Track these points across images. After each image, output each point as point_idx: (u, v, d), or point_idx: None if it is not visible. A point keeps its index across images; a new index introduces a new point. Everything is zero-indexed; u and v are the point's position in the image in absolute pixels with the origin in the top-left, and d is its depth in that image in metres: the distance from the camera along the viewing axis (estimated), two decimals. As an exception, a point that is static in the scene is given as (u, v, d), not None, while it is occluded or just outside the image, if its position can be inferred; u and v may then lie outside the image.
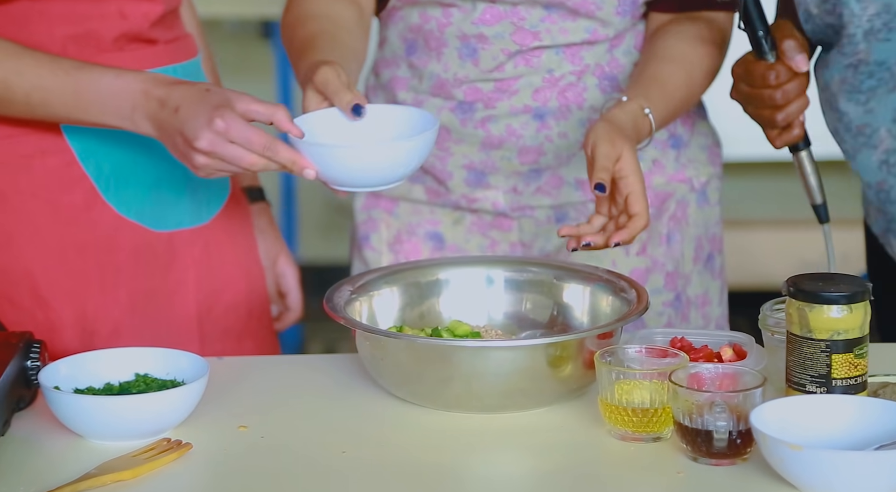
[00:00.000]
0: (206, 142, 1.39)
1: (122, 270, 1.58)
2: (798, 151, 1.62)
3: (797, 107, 1.57)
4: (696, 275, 1.78)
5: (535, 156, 1.71)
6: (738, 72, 1.59)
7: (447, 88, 1.70)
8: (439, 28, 1.68)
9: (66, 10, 1.52)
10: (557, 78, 1.68)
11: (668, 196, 1.76)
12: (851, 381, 1.32)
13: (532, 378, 1.37)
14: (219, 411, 1.40)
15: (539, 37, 1.66)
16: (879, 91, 1.55)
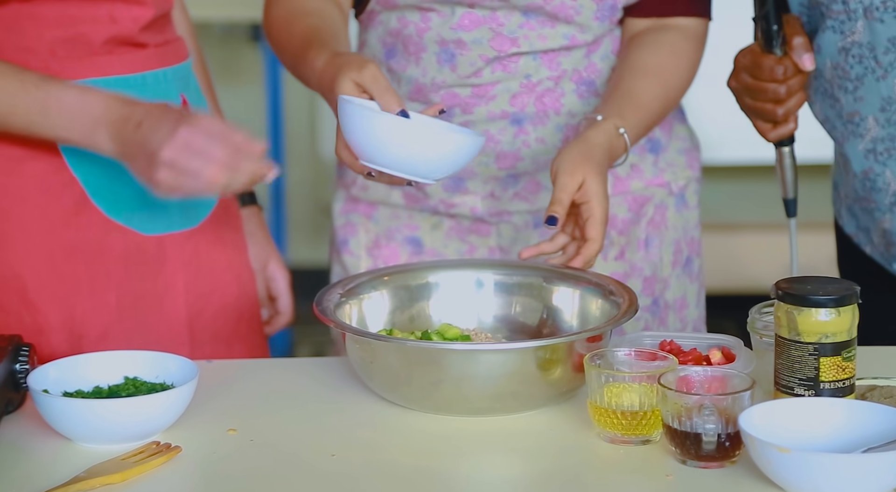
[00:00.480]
0: (169, 151, 1.40)
1: (111, 274, 1.57)
2: (783, 146, 1.65)
3: (797, 102, 1.60)
4: (674, 279, 1.79)
5: (513, 161, 1.72)
6: (744, 62, 1.61)
7: (425, 93, 1.71)
8: (418, 33, 1.68)
9: (56, 13, 1.52)
10: (535, 83, 1.69)
11: (646, 201, 1.77)
12: (839, 384, 1.32)
13: (522, 381, 1.37)
14: (208, 415, 1.40)
15: (517, 43, 1.67)
16: (867, 79, 1.56)
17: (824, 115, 1.65)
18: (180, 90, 1.63)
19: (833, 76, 1.60)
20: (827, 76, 1.61)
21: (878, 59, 1.54)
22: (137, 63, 1.57)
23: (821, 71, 1.62)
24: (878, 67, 1.54)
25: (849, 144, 1.62)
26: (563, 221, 1.50)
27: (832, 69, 1.59)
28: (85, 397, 1.37)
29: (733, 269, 3.51)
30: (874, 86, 1.56)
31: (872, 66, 1.55)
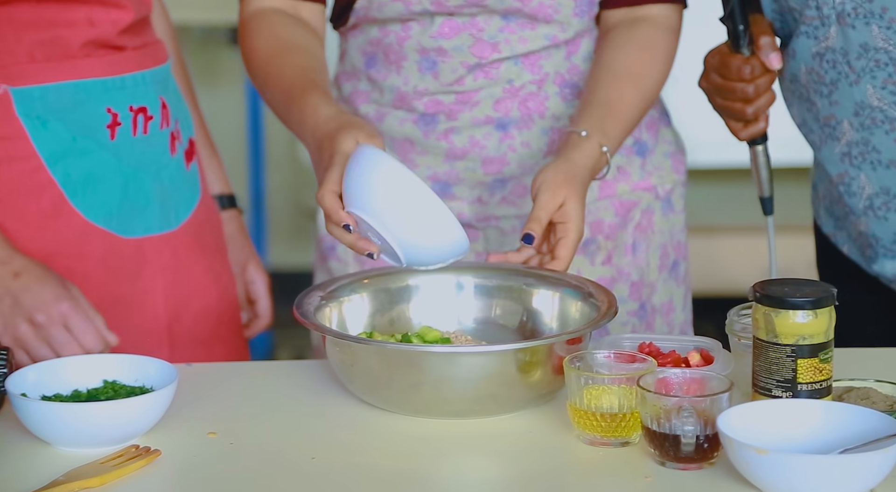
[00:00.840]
0: (43, 316, 1.45)
1: (90, 277, 1.57)
2: (756, 145, 1.66)
3: (766, 101, 1.61)
4: (661, 283, 1.80)
5: (499, 166, 1.72)
6: (713, 62, 1.62)
7: (408, 101, 1.71)
8: (398, 42, 1.68)
9: (34, 16, 1.52)
10: (518, 88, 1.69)
11: (633, 205, 1.77)
12: (817, 385, 1.33)
13: (501, 384, 1.37)
14: (188, 418, 1.39)
15: (498, 48, 1.67)
16: (841, 84, 1.57)
17: (801, 119, 1.67)
18: (159, 93, 1.63)
19: (808, 81, 1.61)
20: (802, 81, 1.62)
21: (851, 65, 1.55)
22: (116, 66, 1.57)
23: (796, 75, 1.63)
24: (851, 72, 1.56)
25: (826, 147, 1.64)
26: (539, 241, 1.51)
27: (807, 74, 1.61)
28: (63, 401, 1.36)
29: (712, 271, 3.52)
30: (848, 91, 1.57)
31: (846, 71, 1.56)
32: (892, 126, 1.56)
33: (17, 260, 1.47)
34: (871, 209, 1.62)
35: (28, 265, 1.47)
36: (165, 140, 1.64)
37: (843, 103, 1.59)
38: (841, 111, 1.59)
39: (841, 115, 1.59)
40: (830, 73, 1.57)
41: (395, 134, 1.73)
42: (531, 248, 1.53)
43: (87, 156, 1.56)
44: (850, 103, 1.58)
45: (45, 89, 1.53)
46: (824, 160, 1.65)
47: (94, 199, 1.57)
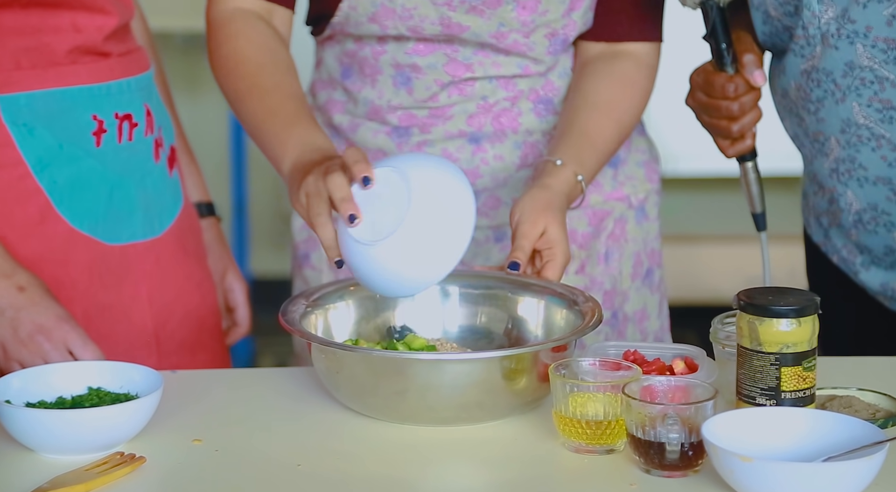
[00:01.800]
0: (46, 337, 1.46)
1: (76, 284, 1.57)
2: (745, 162, 1.66)
3: (751, 118, 1.61)
4: (633, 291, 1.80)
5: (472, 178, 1.72)
6: (697, 81, 1.62)
7: (381, 114, 1.71)
8: (374, 56, 1.68)
9: (19, 23, 1.51)
10: (492, 104, 1.70)
11: (605, 215, 1.78)
12: (800, 393, 1.34)
13: (487, 391, 1.37)
14: (173, 425, 1.39)
15: (472, 69, 1.68)
16: (827, 102, 1.58)
17: (793, 132, 1.67)
18: (143, 100, 1.63)
19: (797, 97, 1.62)
20: (792, 97, 1.63)
21: (837, 83, 1.56)
22: (101, 72, 1.57)
23: (786, 91, 1.64)
24: (837, 90, 1.56)
25: (816, 161, 1.64)
26: (524, 268, 1.53)
27: (796, 90, 1.61)
28: (48, 408, 1.36)
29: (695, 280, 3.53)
30: (834, 108, 1.58)
31: (832, 89, 1.57)
32: (878, 143, 1.56)
33: (22, 275, 1.47)
34: (860, 223, 1.63)
35: (32, 281, 1.47)
36: (150, 147, 1.64)
37: (830, 121, 1.59)
38: (828, 128, 1.60)
39: (828, 131, 1.60)
40: (816, 91, 1.58)
41: (369, 145, 1.73)
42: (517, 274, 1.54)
43: (74, 163, 1.56)
44: (836, 121, 1.59)
45: (31, 96, 1.53)
46: (817, 173, 1.65)
47: (80, 206, 1.57)
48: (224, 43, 1.61)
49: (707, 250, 3.59)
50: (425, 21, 1.63)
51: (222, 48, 1.61)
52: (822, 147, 1.61)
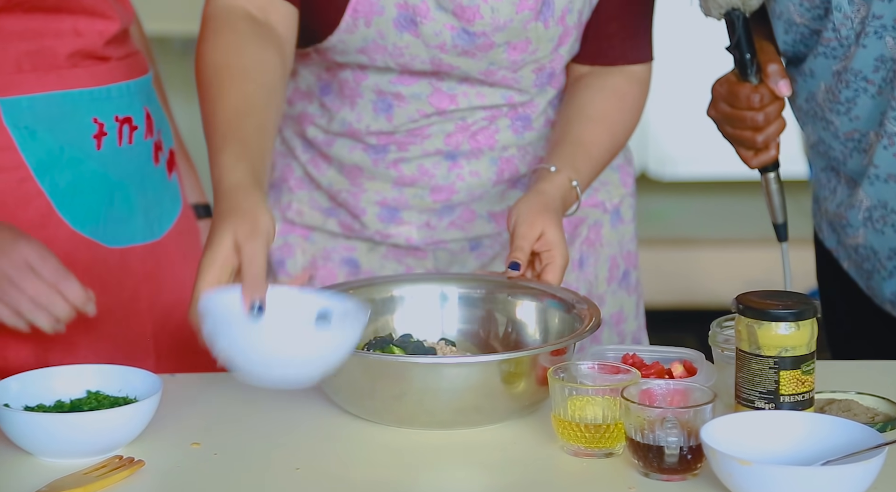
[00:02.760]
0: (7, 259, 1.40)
1: None
2: (768, 172, 1.66)
3: (776, 128, 1.60)
4: (609, 295, 1.81)
5: (448, 194, 1.72)
6: (721, 92, 1.62)
7: (359, 137, 1.70)
8: (355, 80, 1.66)
9: (21, 27, 1.51)
10: (469, 124, 1.70)
11: (580, 221, 1.79)
12: (799, 397, 1.34)
13: (485, 394, 1.37)
14: (172, 428, 1.39)
15: (455, 100, 1.67)
16: (859, 100, 1.57)
17: (817, 137, 1.66)
18: (143, 103, 1.63)
19: (825, 100, 1.61)
20: (819, 100, 1.62)
21: (869, 78, 1.55)
22: (102, 76, 1.57)
23: (813, 94, 1.63)
24: (870, 86, 1.56)
25: (851, 161, 1.63)
26: (525, 268, 1.53)
27: (825, 93, 1.61)
28: (47, 412, 1.36)
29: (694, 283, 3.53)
30: (870, 103, 1.57)
31: (863, 85, 1.56)
32: (890, 141, 1.56)
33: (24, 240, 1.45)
34: (869, 221, 1.63)
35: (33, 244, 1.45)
36: (149, 150, 1.64)
37: (865, 117, 1.59)
38: (864, 125, 1.59)
39: (865, 127, 1.59)
40: (845, 92, 1.57)
41: (344, 160, 1.72)
42: (517, 274, 1.54)
43: (75, 166, 1.56)
44: (876, 114, 1.57)
45: (32, 100, 1.53)
46: (852, 173, 1.64)
47: (81, 209, 1.57)
48: (199, 45, 1.53)
49: (706, 254, 3.59)
50: (416, 60, 1.62)
51: (197, 50, 1.53)
52: (857, 144, 1.61)
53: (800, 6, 1.57)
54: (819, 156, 1.70)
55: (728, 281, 3.38)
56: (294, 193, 1.77)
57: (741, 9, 1.57)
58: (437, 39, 1.60)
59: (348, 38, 1.61)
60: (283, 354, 1.25)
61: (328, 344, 1.27)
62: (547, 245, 1.53)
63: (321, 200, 1.77)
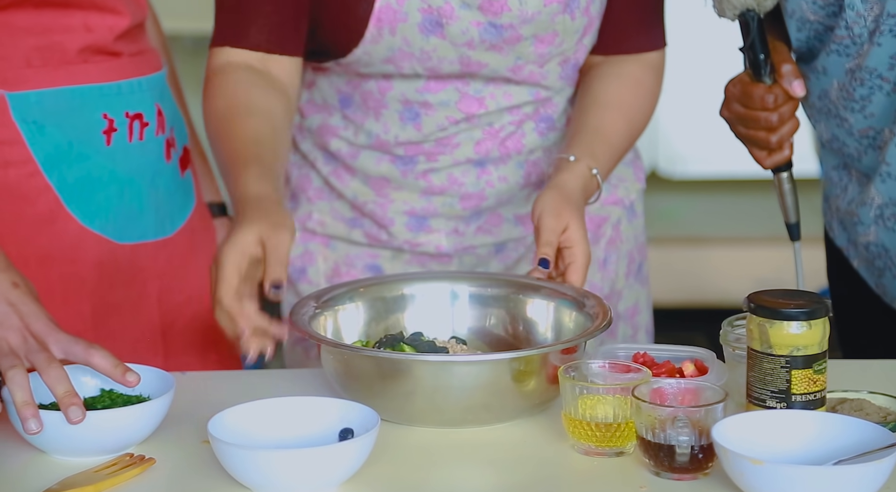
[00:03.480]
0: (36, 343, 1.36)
1: (85, 283, 1.57)
2: (781, 172, 1.65)
3: (790, 128, 1.60)
4: (627, 289, 1.81)
5: (477, 201, 1.72)
6: (734, 92, 1.61)
7: (387, 147, 1.69)
8: (380, 91, 1.65)
9: (31, 22, 1.52)
10: (497, 129, 1.69)
11: (603, 221, 1.78)
12: (810, 396, 1.33)
13: (496, 393, 1.37)
14: (182, 426, 1.39)
15: (484, 103, 1.67)
16: (874, 98, 1.57)
17: (831, 134, 1.66)
18: (155, 100, 1.63)
19: (839, 97, 1.61)
20: (833, 97, 1.62)
21: (884, 76, 1.55)
22: (112, 72, 1.57)
23: (826, 92, 1.63)
24: (885, 83, 1.56)
25: (866, 158, 1.63)
26: (554, 263, 1.52)
27: (838, 90, 1.60)
28: (59, 410, 1.36)
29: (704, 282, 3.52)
30: (885, 100, 1.57)
31: (878, 83, 1.56)
32: None
33: (14, 272, 1.44)
34: (880, 218, 1.63)
35: (24, 280, 1.44)
36: (161, 147, 1.64)
37: (880, 115, 1.58)
38: (879, 122, 1.59)
39: (880, 124, 1.59)
40: (859, 89, 1.57)
41: (370, 172, 1.72)
42: (546, 272, 1.53)
43: (84, 161, 1.56)
44: (891, 112, 1.57)
45: (41, 95, 1.53)
46: (866, 170, 1.64)
47: (90, 204, 1.57)
48: (204, 99, 1.59)
49: (716, 253, 3.58)
50: (444, 61, 1.62)
51: (203, 104, 1.58)
52: (872, 142, 1.60)
53: (813, 4, 1.57)
54: (832, 153, 1.70)
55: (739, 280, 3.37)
56: (314, 204, 1.76)
57: (756, 9, 1.56)
58: (464, 37, 1.60)
59: (373, 49, 1.60)
60: None
61: None
62: (569, 242, 1.52)
63: (343, 211, 1.75)
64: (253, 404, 1.33)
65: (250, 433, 1.30)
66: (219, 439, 1.26)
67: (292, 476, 1.24)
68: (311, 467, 1.24)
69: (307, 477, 1.24)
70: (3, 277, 1.42)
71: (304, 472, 1.24)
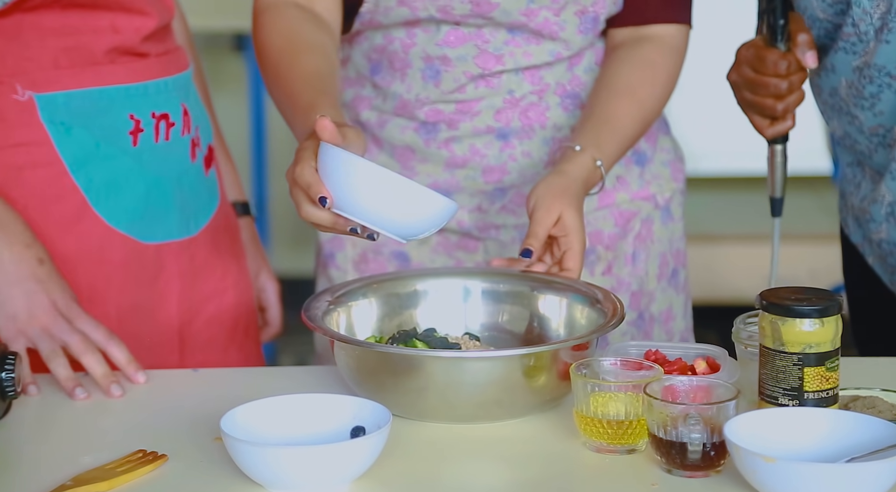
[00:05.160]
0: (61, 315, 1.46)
1: (111, 283, 1.57)
2: (776, 144, 1.65)
3: (796, 98, 1.60)
4: (659, 292, 1.80)
5: (500, 175, 1.72)
6: (747, 55, 1.60)
7: (410, 109, 1.71)
8: (403, 49, 1.68)
9: (59, 23, 1.52)
10: (518, 98, 1.69)
11: (632, 215, 1.78)
12: (823, 394, 1.33)
13: (507, 389, 1.37)
14: (194, 423, 1.39)
15: (502, 60, 1.67)
16: (883, 96, 1.56)
17: (843, 131, 1.66)
18: (181, 100, 1.63)
19: (848, 95, 1.60)
20: (843, 95, 1.62)
21: (893, 74, 1.55)
22: (139, 72, 1.57)
23: (836, 89, 1.62)
24: (894, 82, 1.55)
25: (877, 155, 1.62)
26: (538, 255, 1.53)
27: (847, 88, 1.60)
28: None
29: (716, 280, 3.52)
30: (893, 99, 1.57)
31: (886, 81, 1.55)
32: None
33: (39, 247, 1.48)
34: (891, 216, 1.63)
35: (48, 256, 1.48)
36: (186, 147, 1.64)
37: (889, 113, 1.58)
38: (889, 120, 1.58)
39: (890, 122, 1.58)
40: (869, 87, 1.57)
41: (396, 142, 1.73)
42: (541, 263, 1.54)
43: (110, 162, 1.57)
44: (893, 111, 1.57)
45: (69, 96, 1.54)
46: (878, 167, 1.63)
47: (117, 204, 1.57)
48: (256, 34, 1.63)
49: (729, 250, 3.58)
50: (454, 0, 1.62)
51: (255, 39, 1.63)
52: (882, 139, 1.60)
53: (822, 1, 1.57)
54: (846, 150, 1.69)
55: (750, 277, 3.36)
56: None
57: None
58: None
59: None
60: None
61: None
62: (564, 230, 1.53)
63: None
64: (265, 401, 1.33)
65: (262, 430, 1.31)
66: (231, 435, 1.26)
67: (304, 473, 1.24)
68: (323, 464, 1.24)
69: (319, 474, 1.25)
70: (28, 253, 1.44)
71: (316, 469, 1.24)
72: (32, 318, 1.46)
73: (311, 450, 1.25)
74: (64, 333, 1.46)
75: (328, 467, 1.25)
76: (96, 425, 1.42)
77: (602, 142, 1.61)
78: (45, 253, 1.48)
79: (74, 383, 1.46)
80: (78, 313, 1.48)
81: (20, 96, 1.51)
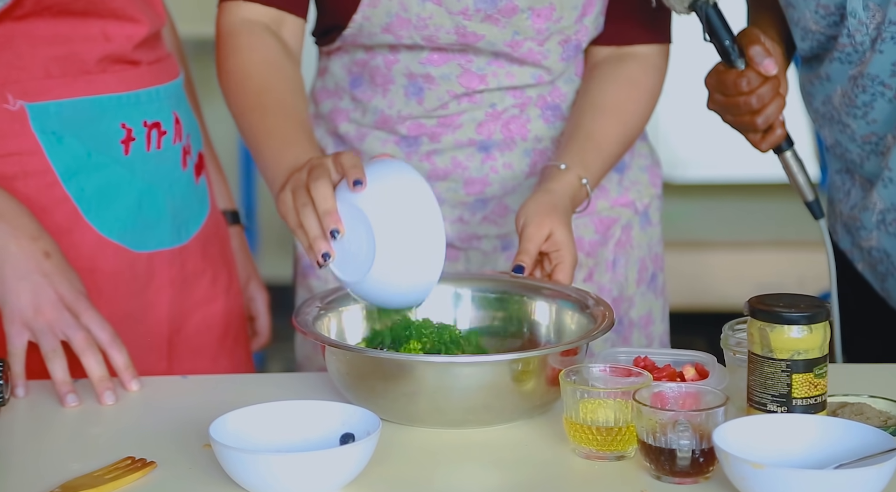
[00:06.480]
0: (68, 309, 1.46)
1: (102, 291, 1.57)
2: (783, 152, 1.65)
3: (774, 108, 1.60)
4: (639, 297, 1.81)
5: (481, 187, 1.73)
6: (711, 82, 1.62)
7: (391, 124, 1.71)
8: (386, 65, 1.68)
9: (50, 32, 1.51)
10: (500, 112, 1.70)
11: (612, 222, 1.78)
12: (811, 400, 1.34)
13: (496, 394, 1.37)
14: (183, 430, 1.39)
15: (485, 80, 1.68)
16: (876, 104, 1.57)
17: (834, 140, 1.66)
18: (172, 108, 1.63)
19: (842, 103, 1.61)
20: (836, 103, 1.62)
21: (886, 83, 1.55)
22: (131, 81, 1.57)
23: (829, 97, 1.63)
24: (887, 90, 1.56)
25: (869, 163, 1.63)
26: (529, 271, 1.53)
27: (841, 96, 1.61)
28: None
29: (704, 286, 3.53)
30: (886, 107, 1.57)
31: (880, 89, 1.56)
32: None
33: (47, 240, 1.47)
34: (882, 224, 1.63)
35: (56, 248, 1.47)
36: (178, 155, 1.64)
37: (882, 120, 1.59)
38: (882, 128, 1.59)
39: (883, 130, 1.59)
40: (861, 96, 1.58)
41: (377, 154, 1.73)
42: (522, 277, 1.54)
43: (102, 171, 1.56)
44: (892, 119, 1.58)
45: (60, 105, 1.53)
46: (869, 175, 1.64)
47: (109, 213, 1.57)
48: (230, 56, 1.61)
49: (716, 257, 3.58)
50: (440, 30, 1.63)
51: (228, 61, 1.61)
52: (875, 148, 1.60)
53: (815, 13, 1.57)
54: (835, 158, 1.70)
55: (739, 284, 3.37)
56: None
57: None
58: (459, 5, 1.61)
59: (372, 13, 1.62)
60: None
61: None
62: (555, 245, 1.54)
63: None
64: (254, 408, 1.33)
65: (252, 437, 1.30)
66: (220, 442, 1.26)
67: (293, 480, 1.24)
68: (312, 470, 1.24)
69: (308, 481, 1.24)
70: (34, 246, 1.43)
71: (305, 475, 1.24)
72: (38, 312, 1.45)
73: (300, 457, 1.25)
74: (69, 327, 1.45)
75: (317, 474, 1.25)
76: (85, 431, 1.42)
77: (587, 160, 1.62)
78: (53, 246, 1.47)
79: (68, 389, 1.45)
80: (85, 307, 1.46)
81: (11, 106, 1.51)
